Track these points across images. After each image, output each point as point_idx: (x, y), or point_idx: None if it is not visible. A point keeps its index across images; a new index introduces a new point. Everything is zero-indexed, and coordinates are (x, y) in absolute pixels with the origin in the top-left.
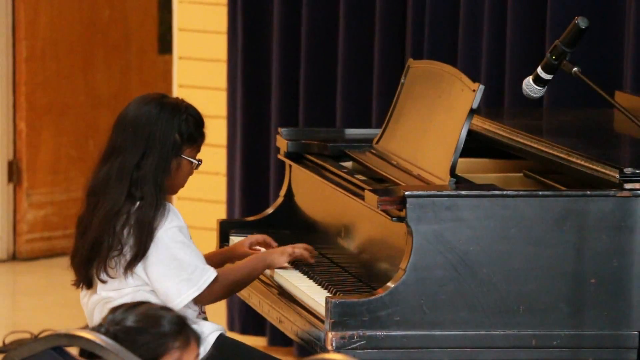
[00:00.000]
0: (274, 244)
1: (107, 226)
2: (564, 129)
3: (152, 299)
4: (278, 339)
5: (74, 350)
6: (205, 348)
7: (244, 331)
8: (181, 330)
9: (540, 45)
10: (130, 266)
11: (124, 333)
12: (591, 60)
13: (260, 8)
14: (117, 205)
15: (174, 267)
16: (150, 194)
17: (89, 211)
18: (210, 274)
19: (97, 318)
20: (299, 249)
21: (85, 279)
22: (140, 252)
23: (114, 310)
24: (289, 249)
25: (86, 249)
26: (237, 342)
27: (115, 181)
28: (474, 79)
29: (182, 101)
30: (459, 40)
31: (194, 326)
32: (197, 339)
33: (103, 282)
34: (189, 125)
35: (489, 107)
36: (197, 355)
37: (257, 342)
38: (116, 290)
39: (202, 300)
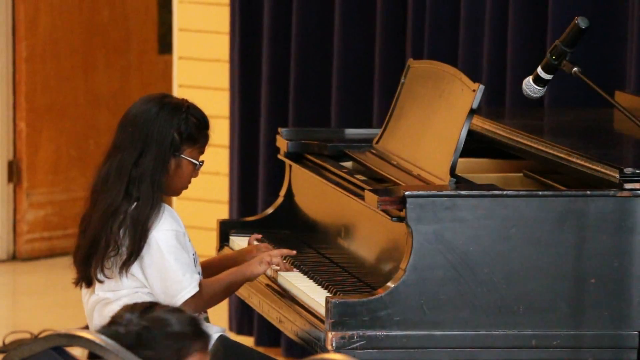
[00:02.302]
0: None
1: (105, 225)
2: (564, 129)
3: (151, 300)
4: (265, 338)
5: (74, 351)
6: None
7: (233, 331)
8: (200, 332)
9: (541, 46)
10: (124, 265)
11: (144, 332)
12: (594, 61)
13: (256, 8)
14: (114, 203)
15: (166, 270)
16: (147, 193)
17: (90, 209)
18: (196, 284)
19: (96, 319)
20: (275, 257)
21: (85, 277)
22: (135, 252)
23: (130, 308)
24: (266, 257)
25: (86, 246)
26: (238, 343)
27: (114, 179)
28: (475, 79)
29: (185, 101)
30: (460, 41)
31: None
32: (209, 341)
33: (100, 282)
34: (188, 125)
35: (489, 107)
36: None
37: (244, 341)
38: (113, 292)
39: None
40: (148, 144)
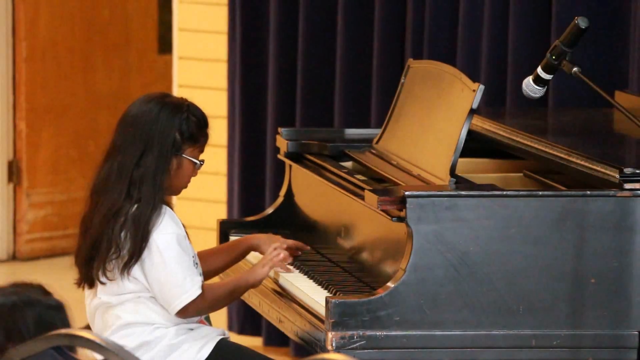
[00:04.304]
0: (306, 247)
1: (106, 227)
2: (564, 129)
3: (152, 305)
4: (274, 339)
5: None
6: (206, 352)
7: (241, 331)
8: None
9: (544, 46)
10: (125, 268)
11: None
12: (597, 61)
13: (258, 8)
14: (116, 205)
15: (167, 273)
16: (148, 194)
17: (91, 210)
18: (198, 287)
19: (98, 322)
20: (277, 259)
21: (87, 278)
22: (135, 254)
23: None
24: (268, 260)
25: (87, 248)
26: (239, 345)
27: (116, 180)
28: (475, 79)
29: (185, 100)
30: (459, 40)
31: (196, 330)
32: None
33: (102, 284)
34: (189, 125)
35: (490, 107)
36: None
37: (253, 342)
38: (116, 296)
39: (186, 312)
40: (150, 145)
